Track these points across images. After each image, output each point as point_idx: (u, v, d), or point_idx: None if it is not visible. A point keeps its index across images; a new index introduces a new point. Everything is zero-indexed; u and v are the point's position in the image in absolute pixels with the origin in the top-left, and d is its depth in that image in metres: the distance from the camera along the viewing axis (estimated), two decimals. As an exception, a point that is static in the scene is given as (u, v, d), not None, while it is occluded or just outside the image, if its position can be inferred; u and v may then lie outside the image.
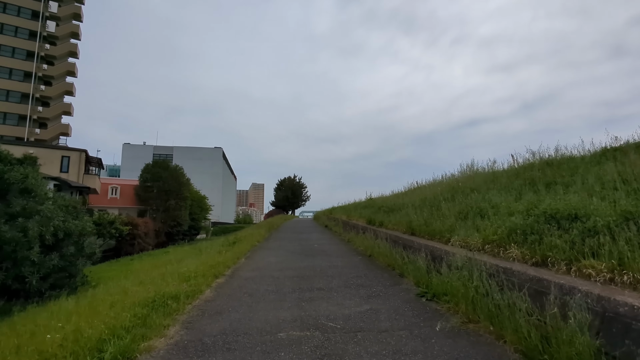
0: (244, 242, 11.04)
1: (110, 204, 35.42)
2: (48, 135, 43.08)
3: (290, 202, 61.13)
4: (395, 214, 10.43)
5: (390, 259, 7.52)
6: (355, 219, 16.01)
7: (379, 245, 8.75)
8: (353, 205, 19.91)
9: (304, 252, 10.04)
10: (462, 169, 11.25)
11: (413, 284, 5.77)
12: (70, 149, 28.25)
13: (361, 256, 9.10)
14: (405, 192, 14.21)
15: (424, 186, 12.96)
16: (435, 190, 10.02)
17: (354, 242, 11.69)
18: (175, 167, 38.47)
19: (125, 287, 5.55)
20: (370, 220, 12.56)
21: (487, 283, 3.63)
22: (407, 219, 8.84)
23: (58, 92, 44.81)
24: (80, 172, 26.69)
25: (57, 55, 45.01)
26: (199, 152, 78.51)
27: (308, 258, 8.81)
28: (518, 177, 7.63)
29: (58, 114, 44.86)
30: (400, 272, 6.52)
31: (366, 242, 10.18)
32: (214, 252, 8.98)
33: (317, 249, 10.64)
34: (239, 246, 10.25)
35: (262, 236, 14.33)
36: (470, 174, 9.97)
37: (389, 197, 15.35)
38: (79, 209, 10.49)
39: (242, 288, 5.55)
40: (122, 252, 27.51)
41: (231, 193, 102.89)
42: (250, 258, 8.88)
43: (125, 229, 27.05)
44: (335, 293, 5.25)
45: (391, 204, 11.81)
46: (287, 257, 8.97)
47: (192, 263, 7.19)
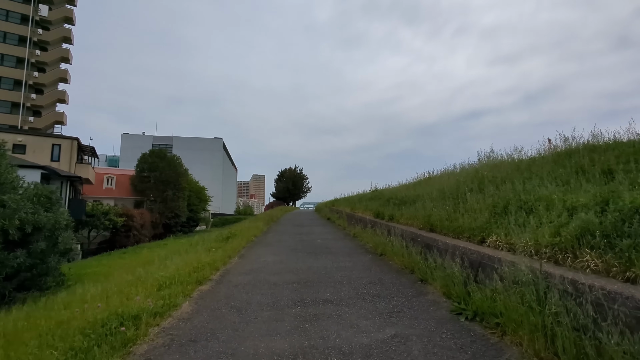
0: (239, 237, 9.95)
1: (105, 195, 34.41)
2: (43, 124, 41.88)
3: (291, 193, 60.03)
4: (407, 207, 9.30)
5: (407, 260, 6.42)
6: (360, 212, 14.91)
7: (392, 243, 7.65)
8: (357, 197, 18.78)
9: (306, 249, 8.95)
10: (480, 158, 10.13)
11: (440, 294, 4.67)
12: (61, 136, 27.07)
13: (371, 255, 8.00)
14: (416, 183, 13.06)
15: (437, 176, 11.82)
16: (453, 181, 8.88)
17: (361, 237, 10.61)
18: (172, 156, 37.33)
19: (84, 296, 4.45)
20: (379, 213, 11.46)
21: (580, 311, 2.49)
22: (423, 212, 7.72)
23: (52, 79, 43.43)
24: (72, 161, 25.55)
25: (50, 41, 43.51)
26: (199, 143, 77.37)
27: (311, 257, 7.72)
28: (558, 165, 6.48)
29: (52, 101, 43.55)
30: (422, 277, 5.42)
31: (375, 238, 9.08)
32: (203, 249, 7.87)
33: (320, 246, 9.55)
34: (233, 242, 9.16)
35: (260, 230, 13.25)
36: (494, 162, 8.80)
37: (398, 188, 14.21)
38: (54, 199, 9.39)
39: (230, 300, 4.45)
40: (117, 244, 26.57)
41: (232, 184, 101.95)
42: (245, 257, 7.78)
43: (119, 220, 26.05)
44: (346, 308, 4.14)
45: (402, 196, 10.67)
46: (286, 256, 7.88)
47: (174, 264, 6.09)
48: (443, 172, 12.77)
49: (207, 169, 71.95)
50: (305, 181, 62.74)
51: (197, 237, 13.58)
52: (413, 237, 6.98)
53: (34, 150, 24.25)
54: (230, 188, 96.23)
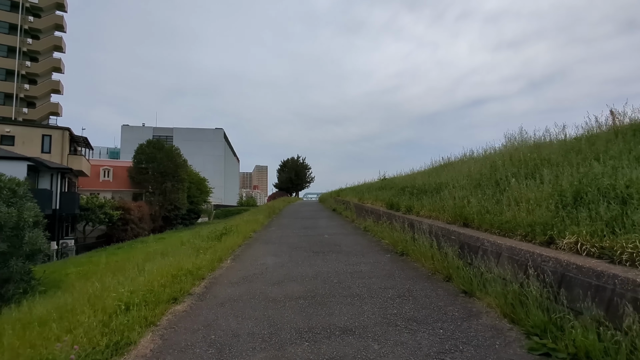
0: (235, 234, 8.72)
1: (102, 187, 33.34)
2: (37, 115, 40.63)
3: (294, 183, 58.72)
4: (429, 197, 8.00)
5: (439, 264, 5.16)
6: (370, 203, 13.64)
7: (414, 240, 6.40)
8: (365, 186, 17.48)
9: (313, 247, 7.71)
10: (511, 138, 8.79)
11: (499, 315, 3.42)
12: (51, 127, 25.81)
13: (389, 254, 6.75)
14: (432, 170, 11.74)
15: (456, 162, 10.50)
16: (479, 166, 7.56)
17: (374, 232, 9.36)
18: (170, 147, 36.07)
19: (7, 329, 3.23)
20: (392, 204, 10.18)
21: None
22: (452, 203, 6.42)
23: (45, 69, 41.99)
24: (64, 152, 24.36)
25: (42, 29, 41.92)
26: (200, 134, 76.21)
27: (319, 258, 6.48)
28: (627, 142, 5.15)
29: (47, 92, 42.21)
30: (466, 288, 4.16)
31: (392, 233, 7.82)
32: (192, 249, 6.64)
33: (328, 242, 8.30)
34: (227, 239, 7.93)
35: (261, 223, 12.02)
36: (534, 143, 7.44)
37: (411, 176, 12.89)
38: (21, 192, 8.16)
39: (210, 330, 3.20)
40: (114, 238, 25.56)
41: (234, 175, 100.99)
42: (240, 258, 6.55)
43: (115, 213, 24.98)
44: (375, 344, 2.89)
45: (420, 185, 9.36)
46: (289, 256, 6.64)
47: (152, 270, 4.85)
48: (462, 157, 11.46)
49: (209, 160, 70.90)
50: (308, 171, 61.37)
51: (187, 233, 12.40)
52: (443, 233, 5.70)
53: (23, 142, 23.07)
54: (232, 179, 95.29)
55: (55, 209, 20.69)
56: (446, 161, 11.62)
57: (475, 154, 10.83)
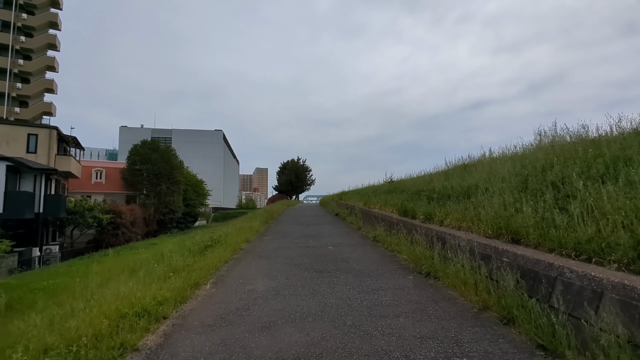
0: (223, 245, 7.35)
1: (94, 189, 32.01)
2: (30, 115, 39.34)
3: (294, 186, 57.29)
4: (453, 203, 6.66)
5: (488, 296, 3.81)
6: (377, 208, 12.29)
7: (445, 259, 5.05)
8: (371, 189, 16.14)
9: (315, 263, 6.36)
10: (538, 138, 7.47)
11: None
12: (37, 125, 24.50)
13: (412, 275, 5.40)
14: (448, 171, 10.39)
15: (477, 162, 9.13)
16: (520, 166, 6.23)
17: (386, 243, 8.00)
18: (166, 147, 34.76)
19: None
20: (406, 210, 8.85)
21: None
22: (491, 211, 5.08)
23: (39, 67, 40.76)
24: (52, 152, 23.03)
25: (36, 26, 40.74)
26: (199, 135, 75.04)
27: (324, 280, 5.12)
28: None
29: (40, 91, 40.95)
30: (549, 345, 2.80)
31: (412, 247, 6.47)
32: (161, 271, 5.26)
33: (334, 257, 6.95)
34: (213, 253, 6.57)
35: (255, 231, 10.65)
36: (589, 138, 6.09)
37: (424, 178, 11.54)
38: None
39: None
40: (104, 243, 24.18)
41: (234, 177, 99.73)
42: (223, 282, 5.19)
43: (105, 217, 23.61)
44: None
45: (440, 188, 8.00)
46: (287, 278, 5.28)
47: (93, 307, 3.50)
48: (481, 157, 10.14)
49: (208, 162, 69.73)
50: (309, 173, 59.95)
51: (177, 239, 11.06)
52: (488, 252, 4.35)
53: (7, 141, 21.76)
54: (232, 181, 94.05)
55: (39, 212, 19.36)
56: (466, 161, 10.28)
57: (496, 153, 9.53)
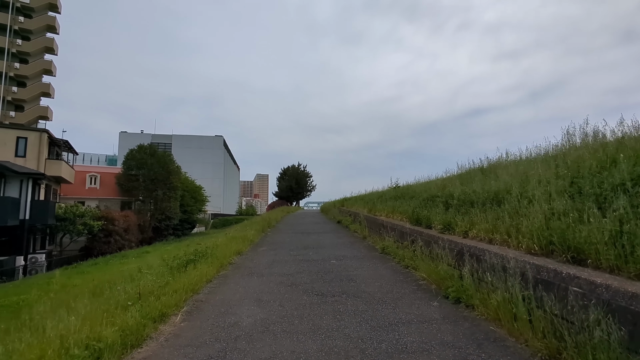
0: (208, 260, 6.29)
1: (88, 195, 31.01)
2: (25, 119, 38.55)
3: (295, 192, 56.19)
4: (479, 210, 5.63)
5: (559, 344, 2.76)
6: (384, 215, 11.25)
7: (479, 282, 4.00)
8: (376, 195, 15.09)
9: (317, 282, 5.30)
10: (568, 136, 6.47)
11: None
12: (27, 128, 23.60)
13: (436, 300, 4.34)
14: (466, 175, 9.36)
15: (502, 164, 8.11)
16: (555, 168, 5.22)
17: (398, 256, 6.94)
18: (163, 152, 33.85)
19: None
20: (419, 218, 7.82)
21: None
22: (538, 223, 4.06)
23: (35, 71, 40.08)
24: (42, 156, 22.08)
25: (33, 30, 40.17)
26: (199, 141, 74.31)
27: (327, 309, 4.07)
28: None
29: (36, 94, 40.24)
30: None
31: (431, 264, 5.43)
32: (123, 298, 4.21)
33: (338, 274, 5.89)
34: (194, 271, 5.53)
35: (249, 241, 9.58)
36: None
37: (436, 182, 10.50)
38: None
39: None
40: (95, 251, 23.11)
41: (234, 183, 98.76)
42: (199, 311, 4.14)
43: (96, 224, 22.55)
44: None
45: (460, 194, 6.96)
46: (280, 305, 4.23)
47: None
48: (499, 159, 9.14)
49: (208, 168, 68.93)
50: (310, 179, 58.89)
51: (155, 253, 10.02)
52: (541, 275, 3.30)
53: (-4, 144, 20.86)
54: (232, 187, 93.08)
55: (24, 219, 18.34)
56: (484, 163, 9.26)
57: (513, 156, 8.53)
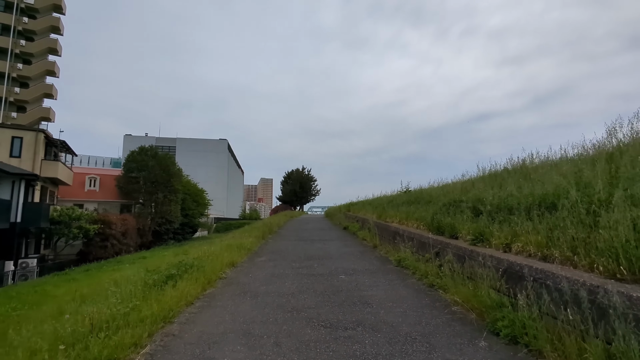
0: (193, 276, 5.25)
1: (87, 198, 30.26)
2: (27, 120, 38.07)
3: (299, 196, 55.12)
4: (521, 219, 4.56)
5: None
6: (396, 222, 10.17)
7: (542, 315, 2.93)
8: (386, 200, 14.01)
9: (325, 309, 4.24)
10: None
11: None
12: (22, 127, 22.91)
13: (484, 338, 3.25)
14: (492, 176, 8.27)
15: (544, 163, 7.02)
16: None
17: (418, 271, 5.86)
18: (164, 155, 33.07)
19: None
20: (440, 226, 6.76)
21: None
22: (625, 235, 2.98)
23: (38, 72, 39.71)
24: (37, 157, 21.35)
25: (37, 30, 39.86)
26: (203, 144, 73.74)
27: (340, 351, 3.01)
28: None
29: (38, 96, 39.80)
30: None
31: (469, 287, 4.35)
32: (68, 332, 3.20)
33: (350, 294, 4.82)
34: (174, 290, 4.49)
35: (247, 250, 8.52)
36: None
37: (457, 185, 9.41)
38: None
39: None
40: (91, 255, 22.22)
41: (238, 187, 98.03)
42: (167, 351, 3.11)
43: (92, 228, 21.67)
44: None
45: (492, 199, 5.88)
46: (276, 349, 3.18)
47: None
48: (525, 161, 8.09)
49: (212, 172, 68.21)
50: (314, 183, 57.81)
51: (156, 257, 9.03)
52: None
53: (-11, 144, 20.16)
54: (236, 191, 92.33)
55: (15, 222, 17.51)
56: (508, 166, 8.15)
57: (548, 156, 7.45)
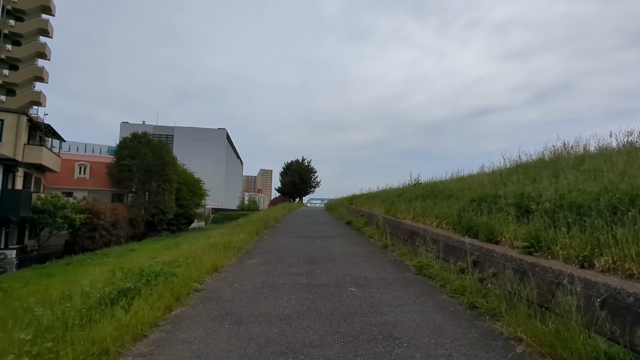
0: (158, 289, 3.99)
1: (77, 186, 28.91)
2: (17, 103, 36.49)
3: (298, 188, 53.80)
4: (605, 225, 3.29)
5: None
6: (409, 219, 8.89)
7: None
8: (394, 193, 12.72)
9: (334, 347, 3.00)
10: None
11: None
12: (3, 110, 21.52)
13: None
14: (533, 165, 6.99)
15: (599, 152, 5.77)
16: None
17: (450, 284, 4.61)
18: (158, 142, 31.64)
19: None
20: (470, 226, 5.53)
21: None
22: None
23: (28, 54, 38.03)
24: (20, 141, 19.98)
25: (27, 10, 38.10)
26: (202, 133, 72.03)
27: None
28: None
29: (29, 78, 38.21)
30: None
31: (524, 311, 3.10)
32: None
33: (366, 320, 3.56)
34: (131, 311, 3.24)
35: (238, 249, 7.24)
36: None
37: (484, 178, 8.13)
38: None
39: None
40: (77, 247, 21.01)
41: (237, 178, 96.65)
42: None
43: (77, 217, 20.40)
44: None
45: (551, 194, 4.61)
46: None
47: None
48: (560, 151, 6.86)
49: (210, 161, 66.74)
50: (314, 175, 56.44)
51: (141, 252, 7.81)
52: None
53: (-33, 126, 18.80)
54: (235, 182, 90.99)
55: (-9, 210, 16.28)
56: (557, 154, 6.87)
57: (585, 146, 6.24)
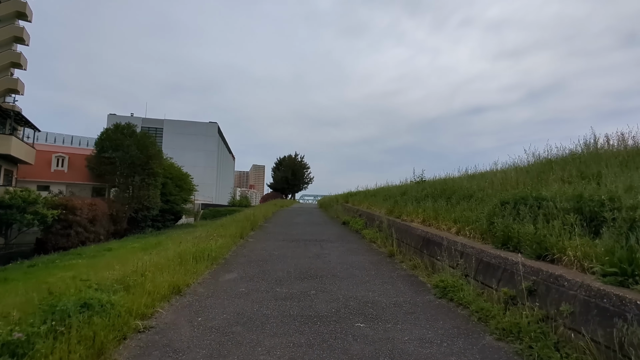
0: (80, 329, 2.65)
1: (54, 179, 27.13)
2: (-9, 92, 34.44)
3: (290, 184, 52.40)
4: None
5: None
6: (418, 221, 7.60)
7: None
8: (397, 191, 11.44)
9: None
10: None
11: None
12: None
13: None
14: (574, 159, 5.75)
15: None
16: None
17: (487, 315, 3.35)
18: (143, 134, 29.90)
19: None
20: (507, 237, 4.25)
21: None
22: None
23: (4, 38, 35.63)
24: (-15, 129, 18.35)
25: (3, -9, 35.77)
26: (192, 127, 69.75)
27: None
28: None
29: (5, 65, 35.86)
30: None
31: None
32: None
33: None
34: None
35: (213, 259, 5.86)
36: None
37: (510, 173, 6.89)
38: None
39: None
40: (50, 245, 19.37)
41: (228, 173, 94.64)
42: None
43: (49, 213, 18.75)
44: None
45: (622, 195, 3.32)
46: None
47: None
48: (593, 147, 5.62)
49: (201, 156, 64.80)
50: (307, 171, 55.14)
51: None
52: None
53: None
54: (226, 177, 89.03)
55: (-52, 205, 14.60)
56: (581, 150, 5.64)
57: None
